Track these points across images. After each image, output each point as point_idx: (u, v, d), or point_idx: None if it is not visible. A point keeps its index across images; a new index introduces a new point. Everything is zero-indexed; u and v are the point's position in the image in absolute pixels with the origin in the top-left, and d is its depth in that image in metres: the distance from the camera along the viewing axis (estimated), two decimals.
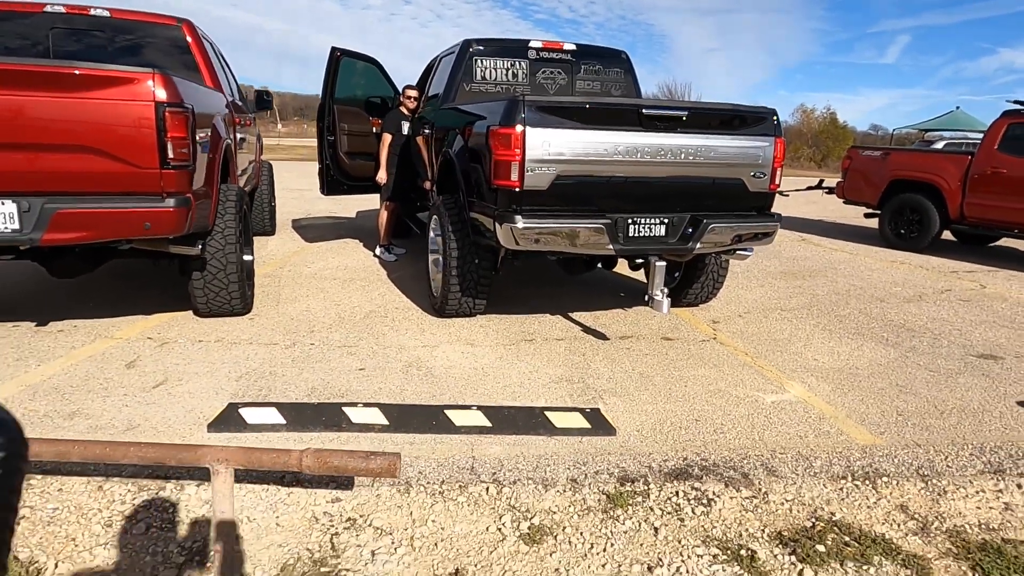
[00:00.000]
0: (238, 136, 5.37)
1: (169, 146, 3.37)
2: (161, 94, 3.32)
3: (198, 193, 3.70)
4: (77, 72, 3.22)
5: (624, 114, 3.80)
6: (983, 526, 2.56)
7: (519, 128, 3.59)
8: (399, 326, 4.54)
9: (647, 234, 3.96)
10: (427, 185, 6.06)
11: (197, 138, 3.64)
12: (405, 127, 6.55)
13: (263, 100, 6.81)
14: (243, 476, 2.52)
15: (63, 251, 3.79)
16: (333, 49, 6.36)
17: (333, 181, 6.79)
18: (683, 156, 3.87)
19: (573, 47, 5.60)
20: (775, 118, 4.13)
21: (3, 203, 3.27)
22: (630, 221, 3.91)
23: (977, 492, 2.78)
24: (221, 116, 4.50)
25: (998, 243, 9.28)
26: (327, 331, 4.36)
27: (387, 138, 6.53)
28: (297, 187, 13.96)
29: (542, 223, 3.72)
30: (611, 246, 3.86)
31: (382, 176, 6.57)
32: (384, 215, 6.78)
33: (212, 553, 1.99)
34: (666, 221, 3.98)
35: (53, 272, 4.25)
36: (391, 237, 6.92)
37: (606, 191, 3.84)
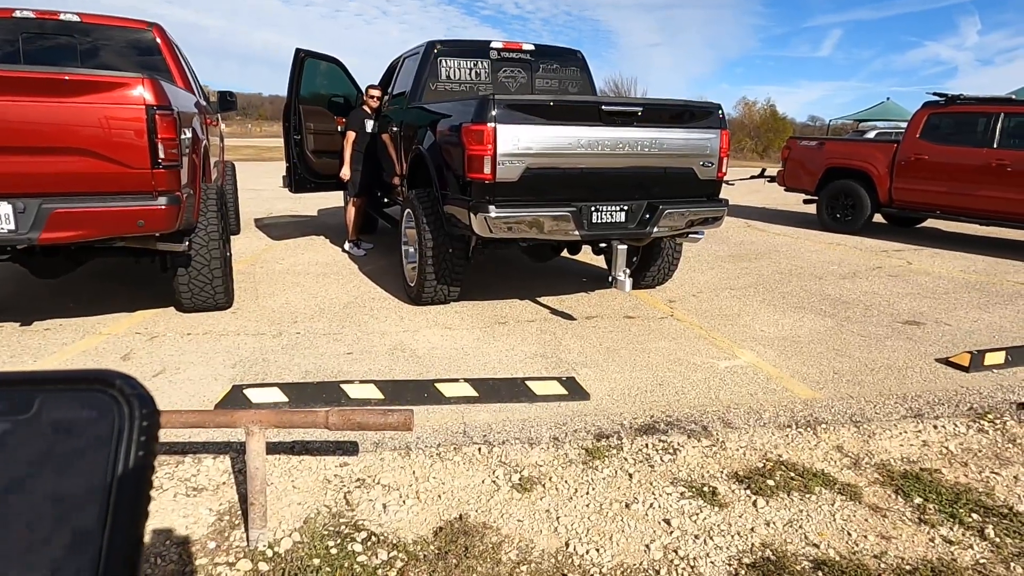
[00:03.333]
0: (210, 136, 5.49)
1: (160, 147, 3.54)
2: (151, 98, 3.49)
3: (185, 191, 3.87)
4: (67, 78, 3.37)
5: (586, 110, 4.14)
6: (905, 459, 2.99)
7: (490, 124, 3.89)
8: (378, 314, 4.79)
9: (609, 220, 4.31)
10: (395, 180, 6.30)
11: (183, 139, 3.81)
12: (369, 125, 6.75)
13: (226, 101, 6.89)
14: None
15: (52, 251, 3.91)
16: (297, 50, 6.52)
17: (300, 179, 6.94)
18: (639, 148, 4.24)
19: (532, 47, 5.92)
20: (720, 112, 4.54)
21: None
22: (593, 209, 4.25)
23: (900, 433, 3.22)
24: (198, 117, 4.66)
25: (923, 224, 10.03)
26: (310, 321, 4.58)
27: (351, 136, 6.72)
28: (252, 187, 13.87)
29: (514, 212, 4.03)
30: (577, 232, 4.20)
31: (346, 173, 6.76)
32: (351, 211, 6.98)
33: (248, 505, 2.23)
34: (626, 208, 4.34)
35: (36, 272, 4.35)
36: (359, 232, 7.12)
37: (571, 181, 4.17)
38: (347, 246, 7.07)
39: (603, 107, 4.13)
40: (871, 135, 19.62)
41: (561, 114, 4.07)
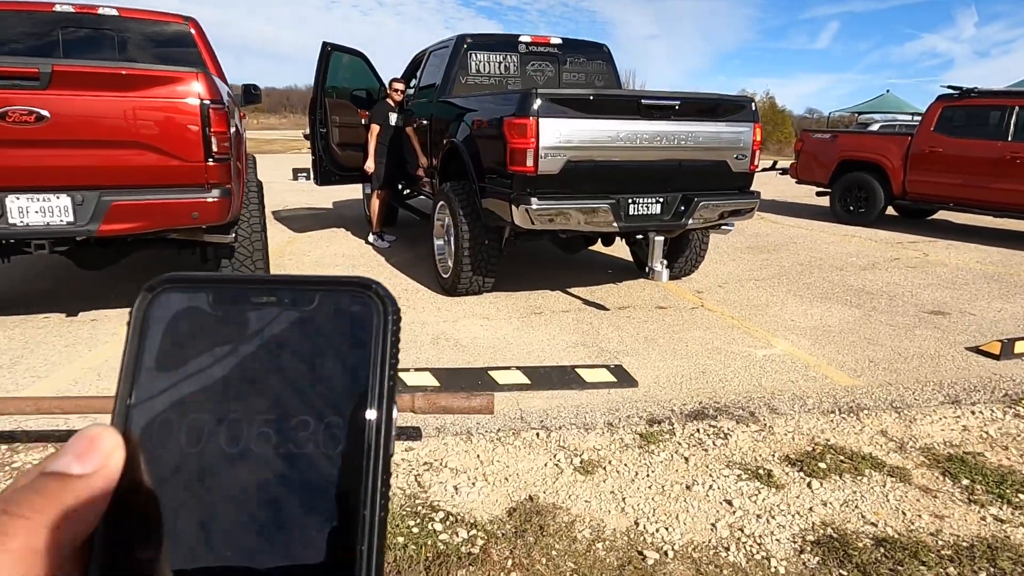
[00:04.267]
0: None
1: (213, 140, 3.62)
2: (204, 92, 3.56)
3: (234, 184, 3.95)
4: (125, 72, 3.43)
5: (625, 104, 4.22)
6: (948, 443, 3.09)
7: (533, 118, 3.97)
8: (415, 305, 4.87)
9: (645, 212, 4.40)
10: (419, 173, 6.37)
11: (231, 132, 3.88)
12: (392, 118, 6.82)
13: (251, 94, 6.92)
14: None
15: (105, 242, 3.98)
16: (324, 44, 6.57)
17: (326, 172, 7.01)
18: (676, 141, 4.32)
19: (559, 41, 5.98)
20: (753, 105, 4.62)
21: (57, 197, 3.46)
22: (630, 201, 4.34)
23: (940, 418, 3.32)
24: (236, 111, 4.72)
25: (935, 216, 10.13)
26: None
27: (375, 129, 6.79)
28: (260, 179, 13.88)
29: (555, 204, 4.11)
30: (615, 224, 4.29)
31: (370, 165, 6.83)
32: (376, 203, 7.04)
33: None
34: (661, 200, 4.42)
35: (82, 264, 4.41)
36: (382, 224, 7.19)
37: (610, 174, 4.25)
38: (371, 238, 7.14)
39: (642, 101, 4.21)
40: (875, 128, 19.69)
41: (601, 108, 4.15)
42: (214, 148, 3.63)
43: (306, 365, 0.31)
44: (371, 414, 0.30)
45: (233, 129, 4.16)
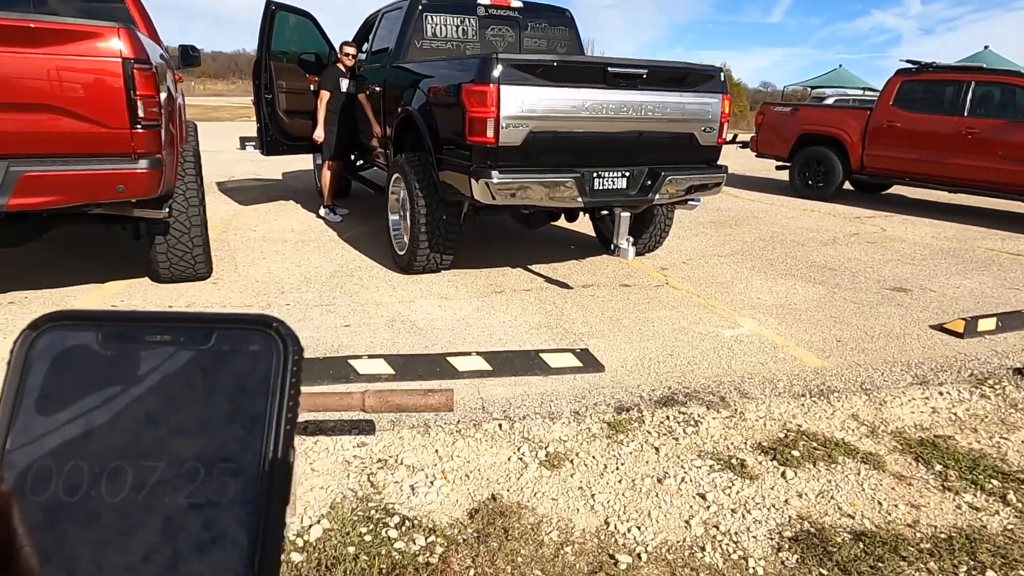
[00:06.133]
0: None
1: (139, 105, 3.26)
2: (127, 50, 3.19)
3: (165, 153, 3.60)
4: (33, 25, 3.04)
5: (591, 72, 3.99)
6: (919, 427, 3.03)
7: (494, 85, 3.71)
8: (368, 284, 4.61)
9: (611, 187, 4.20)
10: (373, 143, 6.04)
11: (161, 96, 3.52)
12: (344, 84, 6.44)
13: (189, 56, 6.44)
14: None
15: (20, 218, 3.59)
16: (268, 2, 6.12)
17: (272, 141, 6.59)
18: (643, 112, 4.12)
19: (520, 4, 5.67)
20: (722, 76, 4.44)
21: None
22: (596, 175, 4.14)
23: (910, 400, 3.26)
24: (170, 73, 4.32)
25: (889, 191, 10.25)
26: (298, 291, 4.37)
27: (325, 95, 6.40)
28: (205, 148, 13.21)
29: (517, 178, 3.88)
30: (580, 199, 4.08)
31: (319, 134, 6.45)
32: (327, 175, 6.68)
33: None
34: (627, 174, 4.24)
35: None
36: (334, 197, 6.84)
37: (574, 146, 4.03)
38: (323, 211, 6.79)
39: (608, 69, 3.98)
40: (829, 102, 19.89)
41: (565, 75, 3.91)
42: (140, 113, 3.27)
43: (199, 408, 0.30)
44: (266, 461, 0.29)
45: (164, 94, 3.78)
